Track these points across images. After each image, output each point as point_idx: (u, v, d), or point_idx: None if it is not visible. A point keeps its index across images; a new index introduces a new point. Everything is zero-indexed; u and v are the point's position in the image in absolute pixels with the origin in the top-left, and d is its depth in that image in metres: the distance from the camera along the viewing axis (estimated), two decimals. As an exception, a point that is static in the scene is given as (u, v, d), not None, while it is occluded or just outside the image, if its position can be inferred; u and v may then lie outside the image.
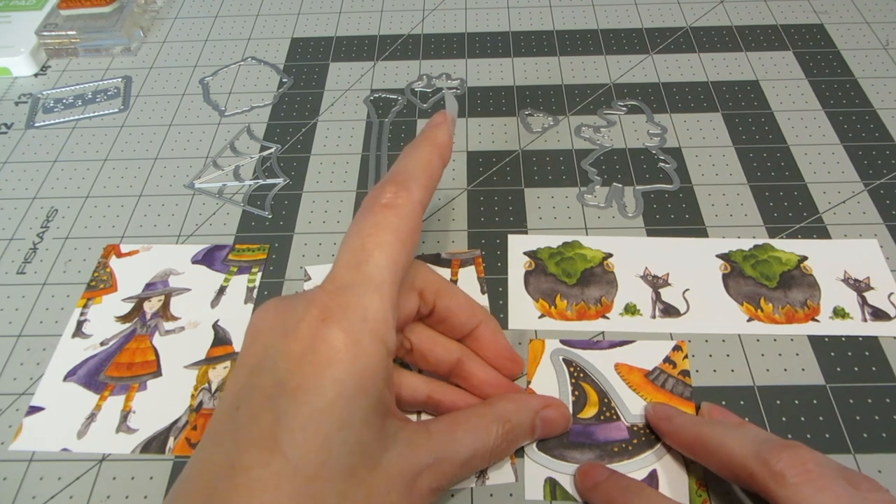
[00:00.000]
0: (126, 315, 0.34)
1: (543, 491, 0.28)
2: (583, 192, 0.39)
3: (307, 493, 0.20)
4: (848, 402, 0.30)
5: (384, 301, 0.23)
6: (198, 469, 0.21)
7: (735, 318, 0.33)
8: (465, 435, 0.25)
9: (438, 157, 0.26)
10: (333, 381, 0.21)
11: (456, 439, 0.25)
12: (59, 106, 0.47)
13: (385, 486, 0.22)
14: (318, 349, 0.21)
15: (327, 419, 0.20)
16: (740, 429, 0.26)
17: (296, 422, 0.20)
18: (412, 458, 0.23)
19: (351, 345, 0.21)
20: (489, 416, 0.26)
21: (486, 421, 0.26)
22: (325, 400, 0.20)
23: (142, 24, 0.52)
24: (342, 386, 0.21)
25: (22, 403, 0.31)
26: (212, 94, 0.47)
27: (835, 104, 0.43)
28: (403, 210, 0.24)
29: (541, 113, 0.44)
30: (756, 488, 0.23)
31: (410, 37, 0.50)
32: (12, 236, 0.39)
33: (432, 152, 0.26)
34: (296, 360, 0.21)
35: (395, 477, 0.22)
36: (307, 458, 0.20)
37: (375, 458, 0.22)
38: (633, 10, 0.51)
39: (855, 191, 0.38)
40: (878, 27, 0.49)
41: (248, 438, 0.20)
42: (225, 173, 0.42)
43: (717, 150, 0.41)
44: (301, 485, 0.20)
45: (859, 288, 0.34)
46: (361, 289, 0.22)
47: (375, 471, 0.21)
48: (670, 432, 0.28)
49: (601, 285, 0.34)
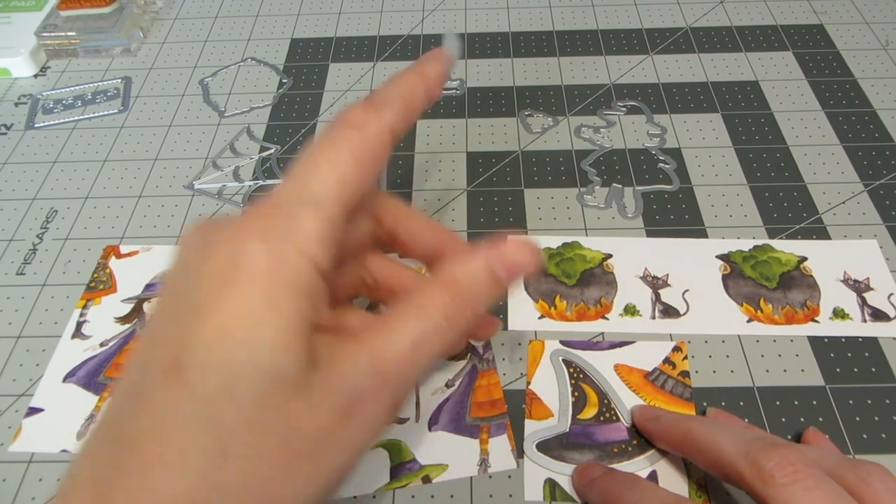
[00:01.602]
0: (126, 316, 0.34)
1: (543, 491, 0.28)
2: (582, 192, 0.39)
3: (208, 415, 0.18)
4: (848, 402, 0.30)
5: (320, 218, 0.21)
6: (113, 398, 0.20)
7: (735, 318, 0.33)
8: (399, 320, 0.21)
9: (423, 88, 0.25)
10: (244, 298, 0.19)
11: (390, 329, 0.21)
12: (58, 107, 0.47)
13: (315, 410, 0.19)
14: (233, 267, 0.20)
15: (233, 340, 0.19)
16: (730, 426, 0.26)
17: (199, 342, 0.19)
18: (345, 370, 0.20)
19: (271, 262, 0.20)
20: (427, 287, 0.21)
21: (425, 294, 0.21)
22: (232, 319, 0.19)
23: (141, 24, 0.52)
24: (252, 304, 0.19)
25: (21, 405, 0.31)
26: (211, 94, 0.47)
27: (835, 104, 0.43)
28: (368, 131, 0.22)
29: (540, 113, 0.44)
30: (745, 487, 0.23)
31: (410, 37, 0.50)
32: (12, 237, 0.39)
33: (417, 82, 0.25)
34: (209, 279, 0.20)
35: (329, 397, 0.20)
36: (208, 381, 0.18)
37: (299, 381, 0.19)
38: (633, 11, 0.51)
39: (855, 191, 0.38)
40: (878, 27, 0.49)
41: (156, 363, 0.19)
42: (225, 174, 0.42)
43: (717, 151, 0.41)
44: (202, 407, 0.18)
45: (859, 289, 0.34)
46: (299, 206, 0.21)
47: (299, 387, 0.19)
48: (658, 432, 0.28)
49: (601, 286, 0.34)
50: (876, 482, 0.22)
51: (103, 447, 0.19)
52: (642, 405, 0.30)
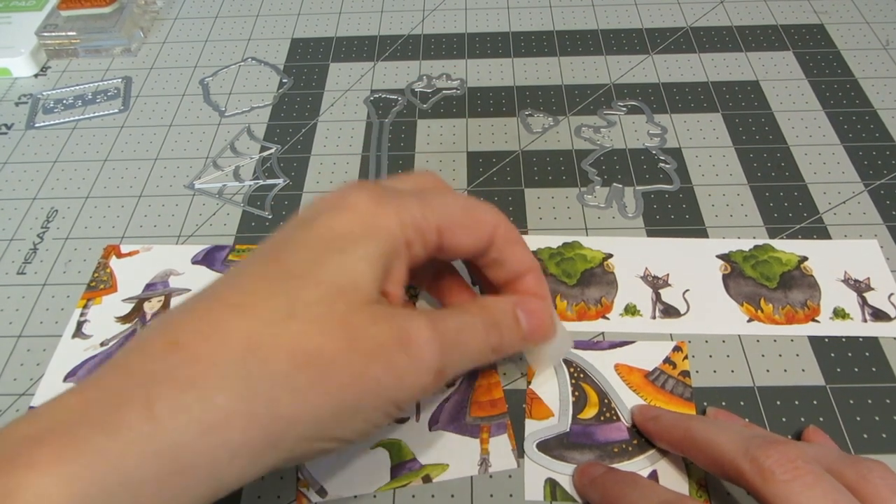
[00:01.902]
0: (126, 315, 0.34)
1: (543, 491, 0.28)
2: (583, 192, 0.39)
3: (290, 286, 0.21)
4: (848, 402, 0.30)
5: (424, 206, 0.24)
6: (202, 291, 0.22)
7: (735, 318, 0.33)
8: (450, 309, 0.25)
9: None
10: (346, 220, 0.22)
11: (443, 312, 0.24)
12: (59, 106, 0.47)
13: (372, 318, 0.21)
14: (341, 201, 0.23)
15: (330, 244, 0.22)
16: (730, 425, 0.26)
17: (299, 242, 0.22)
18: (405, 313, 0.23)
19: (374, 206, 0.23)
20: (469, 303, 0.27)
21: (467, 305, 0.26)
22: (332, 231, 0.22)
23: (142, 24, 0.52)
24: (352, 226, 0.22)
25: (22, 404, 0.31)
26: (212, 94, 0.47)
27: (835, 104, 0.43)
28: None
29: (541, 113, 0.44)
30: (745, 485, 0.23)
31: (410, 37, 0.50)
32: (12, 237, 0.39)
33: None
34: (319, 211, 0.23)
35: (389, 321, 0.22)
36: (298, 266, 0.21)
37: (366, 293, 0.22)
38: (633, 10, 0.51)
39: (855, 191, 0.38)
40: (878, 27, 0.49)
41: (255, 254, 0.22)
42: (225, 174, 0.42)
43: (717, 151, 0.41)
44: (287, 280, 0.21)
45: (859, 288, 0.34)
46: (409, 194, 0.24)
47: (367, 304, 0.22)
48: (658, 431, 0.28)
49: (601, 286, 0.34)
50: (876, 479, 0.22)
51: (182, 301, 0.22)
52: (642, 405, 0.30)
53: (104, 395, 0.18)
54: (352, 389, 0.20)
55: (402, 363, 0.21)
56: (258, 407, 0.19)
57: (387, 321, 0.21)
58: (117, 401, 0.18)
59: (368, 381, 0.21)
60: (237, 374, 0.19)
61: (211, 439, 0.18)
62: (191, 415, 0.18)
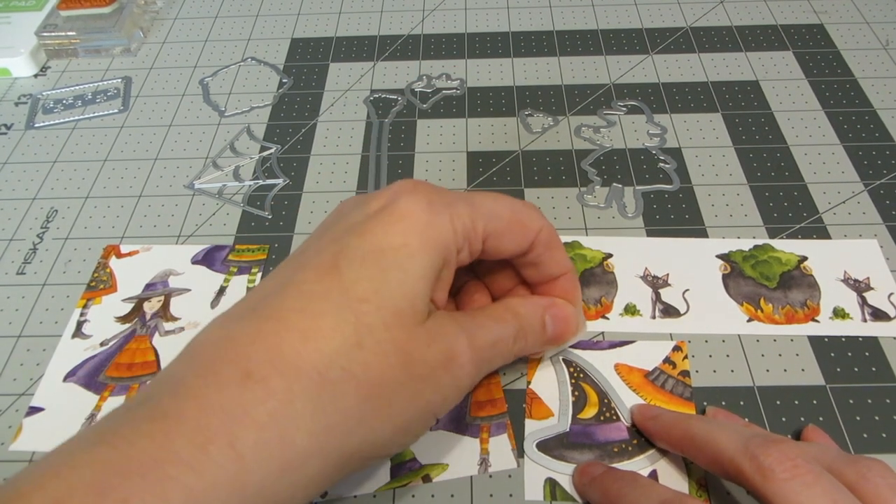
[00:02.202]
0: (126, 315, 0.34)
1: (543, 491, 0.28)
2: (583, 192, 0.39)
3: (354, 310, 0.21)
4: (848, 402, 0.30)
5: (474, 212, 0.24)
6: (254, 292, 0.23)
7: (735, 318, 0.33)
8: (488, 320, 0.25)
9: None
10: (402, 231, 0.22)
11: (479, 323, 0.25)
12: (58, 106, 0.47)
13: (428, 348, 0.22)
14: (396, 209, 0.22)
15: (386, 258, 0.22)
16: (730, 424, 0.26)
17: (357, 253, 0.22)
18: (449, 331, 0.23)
19: (431, 217, 0.22)
20: (503, 308, 0.26)
21: (501, 312, 0.26)
22: (388, 241, 0.22)
23: (142, 24, 0.52)
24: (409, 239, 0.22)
25: (22, 404, 0.31)
26: (212, 94, 0.47)
27: (835, 104, 0.43)
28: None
29: (541, 113, 0.44)
30: (744, 484, 0.23)
31: (410, 37, 0.50)
32: (12, 237, 0.39)
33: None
34: (370, 214, 0.23)
35: (438, 342, 0.22)
36: (360, 284, 0.21)
37: (422, 313, 0.22)
38: (633, 11, 0.51)
39: (855, 191, 0.38)
40: (878, 27, 0.49)
41: (310, 263, 0.22)
42: (225, 174, 0.42)
43: (717, 151, 0.41)
44: (349, 302, 0.21)
45: (859, 288, 0.34)
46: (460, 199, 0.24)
47: (422, 325, 0.22)
48: (658, 431, 0.28)
49: (601, 285, 0.34)
50: (876, 477, 0.22)
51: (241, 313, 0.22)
52: (642, 404, 0.30)
53: (187, 430, 0.18)
54: (408, 412, 0.22)
55: (446, 382, 0.23)
56: (332, 443, 0.20)
57: (437, 343, 0.22)
58: (201, 438, 0.18)
59: (420, 402, 0.22)
60: (312, 411, 0.20)
61: (290, 477, 0.19)
62: (271, 454, 0.19)
